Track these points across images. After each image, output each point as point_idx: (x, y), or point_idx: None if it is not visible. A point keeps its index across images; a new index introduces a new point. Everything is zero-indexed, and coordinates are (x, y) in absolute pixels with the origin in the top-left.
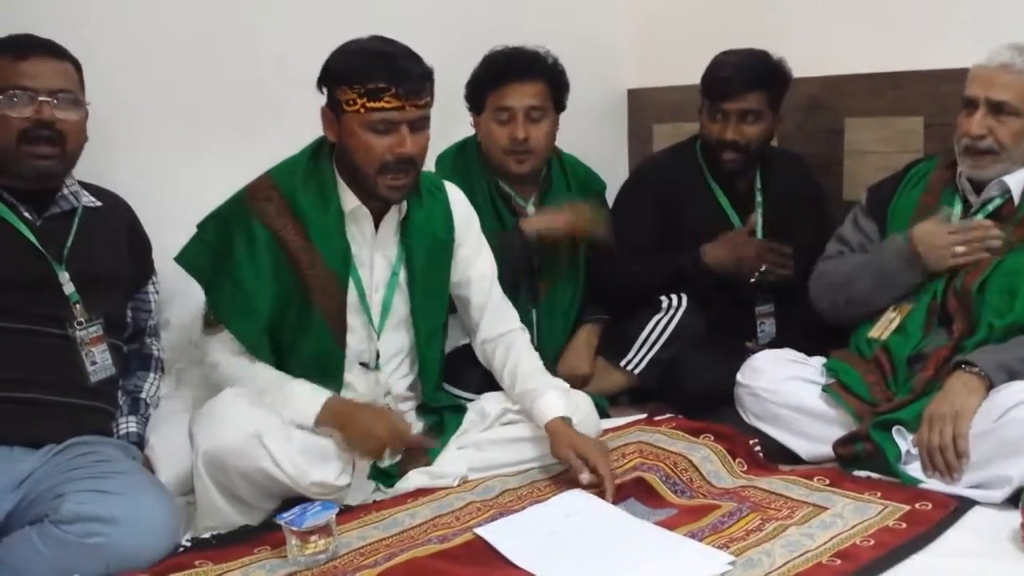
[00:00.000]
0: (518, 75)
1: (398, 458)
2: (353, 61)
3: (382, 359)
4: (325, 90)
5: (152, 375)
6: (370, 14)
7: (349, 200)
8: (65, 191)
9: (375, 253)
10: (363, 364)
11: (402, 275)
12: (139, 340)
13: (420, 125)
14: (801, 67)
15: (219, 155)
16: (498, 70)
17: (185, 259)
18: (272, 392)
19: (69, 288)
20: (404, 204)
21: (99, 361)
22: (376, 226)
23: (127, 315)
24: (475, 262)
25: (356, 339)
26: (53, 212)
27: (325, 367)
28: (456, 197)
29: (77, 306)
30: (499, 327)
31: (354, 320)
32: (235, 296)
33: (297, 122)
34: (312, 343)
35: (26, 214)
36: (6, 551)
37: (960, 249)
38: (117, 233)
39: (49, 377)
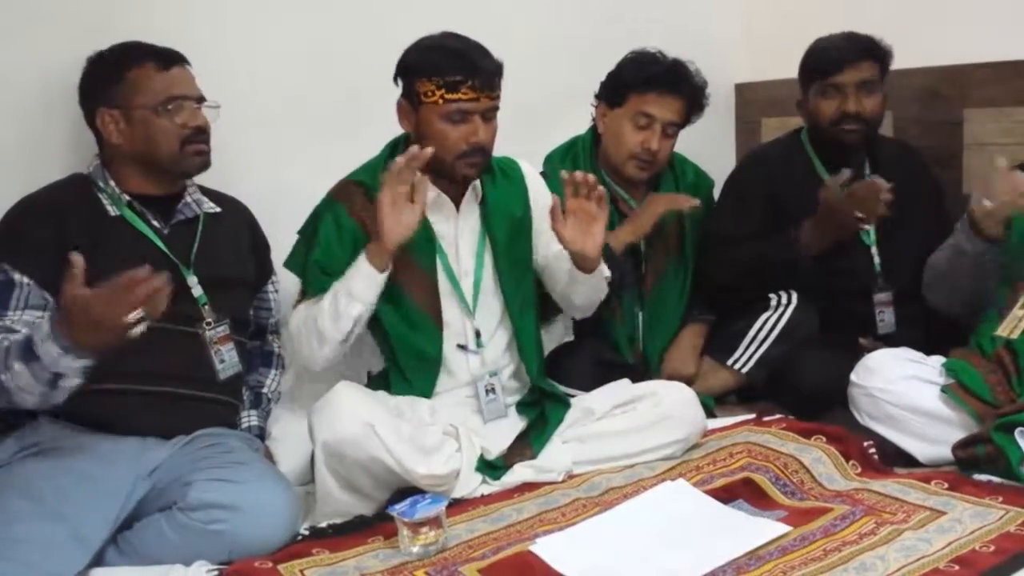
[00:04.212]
0: (669, 87)
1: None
2: (433, 56)
3: (483, 337)
4: (401, 83)
5: (273, 371)
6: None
7: (429, 191)
8: (188, 199)
9: (459, 238)
10: (461, 347)
11: (487, 255)
12: (261, 338)
13: (491, 115)
14: (918, 57)
15: (331, 162)
16: (651, 75)
17: (290, 262)
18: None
19: (197, 291)
20: (480, 186)
21: (227, 359)
22: (457, 209)
23: (250, 314)
24: (553, 240)
25: (451, 320)
26: (178, 219)
27: (426, 353)
28: (531, 174)
29: (205, 307)
30: None
31: (447, 303)
32: (321, 276)
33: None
34: (410, 329)
35: (154, 222)
36: (137, 537)
37: None
38: (238, 237)
39: (182, 372)
